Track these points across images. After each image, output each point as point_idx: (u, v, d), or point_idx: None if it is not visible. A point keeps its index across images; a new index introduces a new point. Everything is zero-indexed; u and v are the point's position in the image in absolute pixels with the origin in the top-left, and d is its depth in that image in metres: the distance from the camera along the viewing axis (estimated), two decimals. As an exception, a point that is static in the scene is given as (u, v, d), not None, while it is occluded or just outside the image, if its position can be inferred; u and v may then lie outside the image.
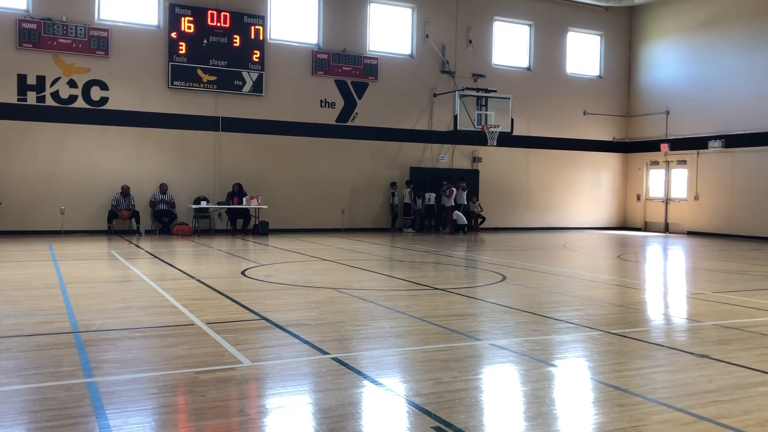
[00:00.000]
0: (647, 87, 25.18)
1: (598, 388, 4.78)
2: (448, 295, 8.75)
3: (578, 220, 25.29)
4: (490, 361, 5.61)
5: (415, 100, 22.37)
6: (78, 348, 5.56)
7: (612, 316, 7.61)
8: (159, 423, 3.91)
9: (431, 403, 4.27)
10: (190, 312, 7.21)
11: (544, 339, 6.31)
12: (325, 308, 7.65)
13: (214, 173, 19.90)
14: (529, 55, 24.24)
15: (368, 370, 5.07)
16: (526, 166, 24.32)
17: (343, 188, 21.45)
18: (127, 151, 18.94)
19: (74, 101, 18.27)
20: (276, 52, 20.45)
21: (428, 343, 5.99)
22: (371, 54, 21.66)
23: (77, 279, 9.72)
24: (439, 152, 22.92)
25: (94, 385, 4.55)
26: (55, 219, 18.04)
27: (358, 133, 21.55)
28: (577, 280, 10.86)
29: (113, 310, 7.37)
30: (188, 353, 5.47)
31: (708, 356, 5.63)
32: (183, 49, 19.14)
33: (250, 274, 10.63)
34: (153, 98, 19.10)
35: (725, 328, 6.88)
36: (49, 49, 17.86)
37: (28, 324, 6.59)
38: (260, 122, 20.29)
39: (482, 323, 7.09)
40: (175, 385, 4.64)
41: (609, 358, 5.64)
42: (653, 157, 25.00)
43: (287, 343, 5.90)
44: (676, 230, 24.07)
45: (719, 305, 8.32)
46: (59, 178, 18.15)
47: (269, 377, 4.92)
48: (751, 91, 21.33)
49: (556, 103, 24.47)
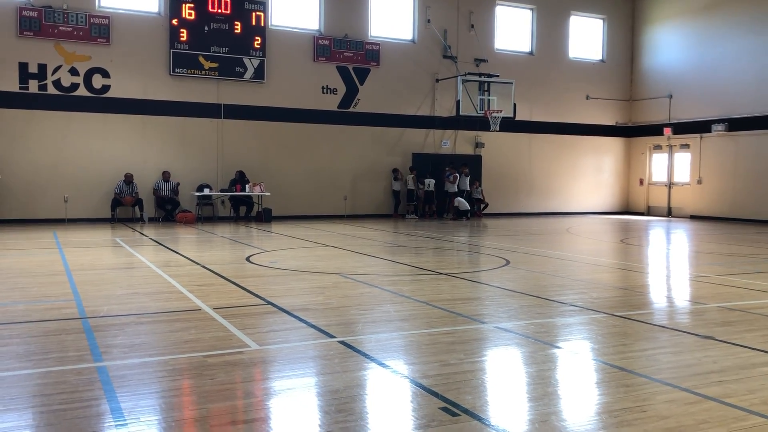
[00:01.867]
0: (650, 71, 25.07)
1: (603, 369, 4.81)
2: (452, 280, 8.78)
3: (581, 205, 25.28)
4: (496, 343, 5.64)
5: (417, 85, 22.30)
6: (86, 333, 5.60)
7: (616, 299, 7.64)
8: (169, 405, 3.96)
9: (438, 385, 4.31)
10: (196, 297, 7.26)
11: (548, 322, 6.35)
12: (331, 293, 7.69)
13: (216, 160, 19.90)
14: (531, 40, 24.12)
15: (375, 353, 5.11)
16: (529, 151, 24.28)
17: (345, 175, 21.44)
18: (129, 139, 18.94)
19: (76, 89, 18.25)
20: (277, 39, 20.38)
21: (434, 327, 6.03)
22: (373, 39, 21.58)
23: (83, 266, 9.77)
24: (442, 138, 22.88)
25: (104, 369, 4.60)
26: (59, 207, 18.08)
27: (360, 120, 21.51)
28: (580, 264, 10.88)
29: (120, 296, 7.42)
30: (196, 338, 5.51)
31: (712, 337, 5.66)
32: (184, 36, 19.07)
33: (254, 260, 10.66)
34: (155, 86, 19.07)
35: (729, 310, 6.91)
36: (50, 37, 17.82)
37: (37, 310, 6.64)
38: (262, 109, 20.25)
39: (487, 307, 7.12)
40: (183, 368, 4.68)
41: (613, 339, 5.67)
42: (656, 141, 24.93)
43: (294, 327, 5.94)
44: (679, 214, 24.06)
45: (723, 288, 8.35)
46: (62, 166, 18.17)
47: (277, 360, 4.96)
48: (755, 74, 21.23)
49: (559, 87, 24.37)
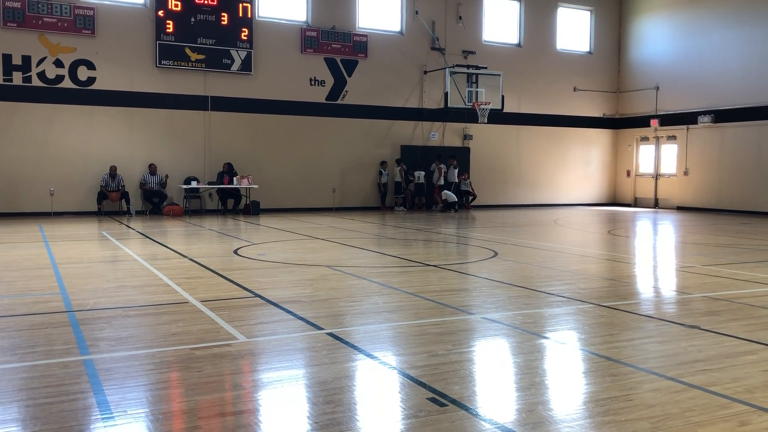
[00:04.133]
0: (637, 62, 25.16)
1: (590, 358, 4.84)
2: (440, 271, 8.80)
3: (568, 196, 25.38)
4: (483, 334, 5.67)
5: (406, 77, 22.27)
6: (73, 327, 5.57)
7: (603, 290, 7.69)
8: (156, 398, 3.94)
9: (426, 375, 4.32)
10: (183, 290, 7.23)
11: (536, 312, 6.38)
12: (319, 285, 7.69)
13: (203, 153, 19.80)
14: (519, 32, 24.13)
15: (363, 344, 5.11)
16: (517, 143, 24.33)
17: (333, 167, 21.40)
18: (115, 132, 18.80)
19: (61, 81, 18.08)
20: (264, 30, 20.26)
21: (421, 318, 6.04)
22: (361, 31, 21.51)
23: (69, 259, 9.70)
24: (430, 130, 22.88)
25: (91, 362, 4.57)
26: (45, 200, 17.94)
27: (348, 112, 21.46)
28: (568, 255, 10.94)
29: (107, 289, 7.38)
30: (183, 330, 5.49)
31: (698, 327, 5.71)
32: (170, 27, 18.92)
33: (242, 252, 10.64)
34: (141, 78, 18.92)
35: (714, 299, 6.97)
36: (34, 28, 17.63)
37: (22, 304, 6.59)
38: (249, 101, 20.16)
39: (474, 298, 7.14)
40: (171, 361, 4.67)
41: (600, 330, 5.71)
42: (643, 132, 25.06)
43: (282, 320, 5.94)
44: (666, 206, 24.22)
45: (709, 278, 8.42)
46: (48, 159, 18.02)
47: (265, 352, 4.96)
48: (741, 66, 21.36)
49: (547, 79, 24.42)
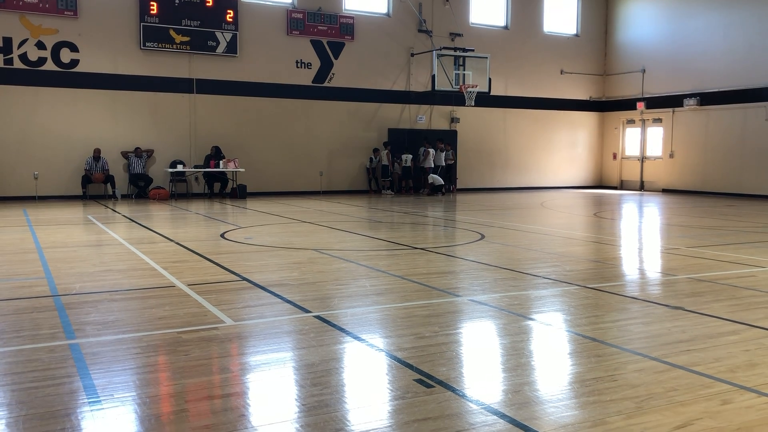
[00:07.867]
0: (624, 45, 25.18)
1: (576, 339, 4.89)
2: (428, 254, 8.82)
3: (555, 179, 25.47)
4: (470, 316, 5.70)
5: (392, 60, 22.16)
6: (59, 311, 5.54)
7: (588, 272, 7.74)
8: (143, 382, 3.94)
9: (413, 357, 4.35)
10: (170, 274, 7.21)
11: (522, 294, 6.42)
12: (306, 268, 7.68)
13: (189, 136, 19.65)
14: (506, 14, 24.04)
15: (350, 327, 5.13)
16: (504, 126, 24.34)
17: (321, 150, 21.32)
18: (99, 115, 18.60)
19: (43, 64, 17.83)
20: (250, 12, 20.06)
21: (409, 300, 6.06)
22: (347, 13, 21.35)
23: (54, 243, 9.63)
24: (417, 113, 22.82)
25: (77, 346, 4.55)
26: (29, 184, 17.76)
27: (335, 94, 21.34)
28: (554, 237, 10.99)
29: (92, 273, 7.34)
30: (170, 314, 5.48)
31: (682, 308, 5.77)
32: (154, 9, 18.68)
33: (229, 236, 10.60)
34: (125, 60, 18.70)
35: (698, 281, 7.05)
36: (15, 9, 17.34)
37: (6, 288, 6.55)
38: (235, 84, 19.99)
39: (461, 280, 7.17)
40: (158, 345, 4.66)
41: (586, 311, 5.75)
42: (629, 115, 25.14)
43: (269, 303, 5.94)
44: (652, 188, 24.38)
45: (693, 259, 8.50)
46: (31, 142, 17.81)
47: (252, 336, 4.96)
48: (726, 48, 21.44)
49: (533, 62, 24.39)
